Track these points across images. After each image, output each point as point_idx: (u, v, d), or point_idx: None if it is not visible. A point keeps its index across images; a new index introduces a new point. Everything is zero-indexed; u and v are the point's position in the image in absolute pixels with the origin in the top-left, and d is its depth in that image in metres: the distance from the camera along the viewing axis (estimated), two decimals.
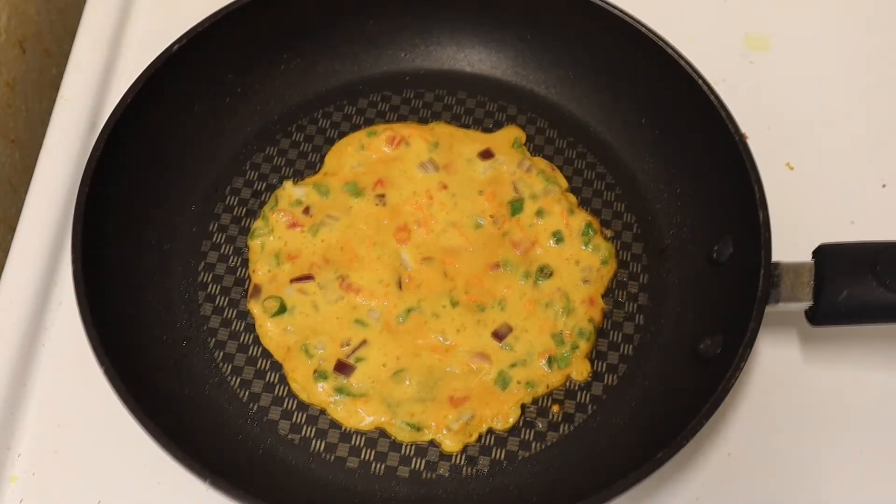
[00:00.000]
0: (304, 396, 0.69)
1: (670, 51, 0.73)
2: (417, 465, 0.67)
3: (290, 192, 0.76)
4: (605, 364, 0.71)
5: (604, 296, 0.73)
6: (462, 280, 0.72)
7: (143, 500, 0.67)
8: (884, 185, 0.81)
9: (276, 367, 0.70)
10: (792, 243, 0.70)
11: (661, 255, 0.75)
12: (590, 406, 0.69)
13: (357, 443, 0.68)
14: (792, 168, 0.82)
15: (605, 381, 0.70)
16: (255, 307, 0.72)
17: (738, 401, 0.71)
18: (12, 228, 0.77)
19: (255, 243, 0.74)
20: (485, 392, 0.69)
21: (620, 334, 0.72)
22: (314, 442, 0.68)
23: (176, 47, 0.73)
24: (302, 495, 0.66)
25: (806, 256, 0.66)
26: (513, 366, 0.69)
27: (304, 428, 0.68)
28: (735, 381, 0.61)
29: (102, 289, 0.66)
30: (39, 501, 0.67)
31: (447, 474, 0.67)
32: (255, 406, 0.69)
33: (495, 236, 0.74)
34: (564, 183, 0.78)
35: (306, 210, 0.75)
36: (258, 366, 0.70)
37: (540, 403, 0.69)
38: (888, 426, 0.71)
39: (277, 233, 0.74)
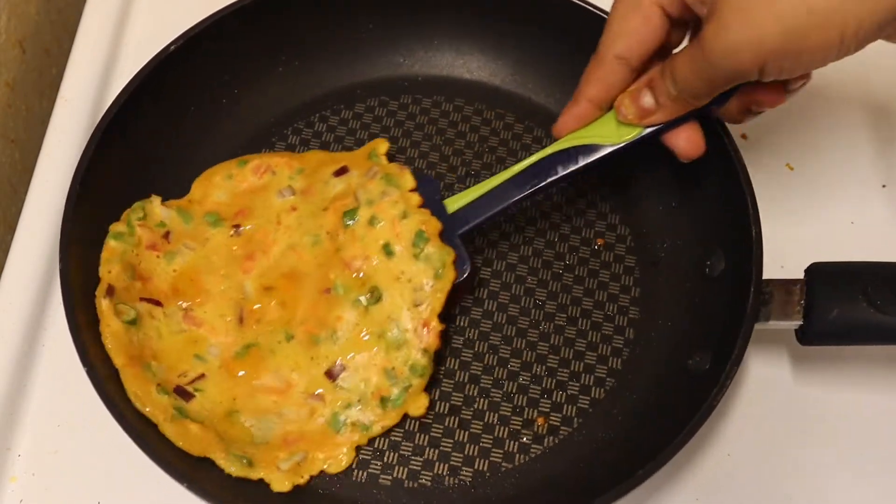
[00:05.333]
0: (139, 405, 0.64)
1: None
2: (400, 474, 0.67)
3: (156, 209, 0.71)
4: (592, 377, 0.70)
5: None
6: (300, 309, 0.68)
7: (143, 500, 0.67)
8: (884, 186, 0.80)
9: None
10: (792, 242, 0.70)
11: (654, 268, 0.74)
12: (575, 419, 0.69)
13: None
14: (792, 168, 0.81)
15: (592, 394, 0.69)
16: (105, 305, 0.66)
17: (728, 419, 0.70)
18: (12, 228, 0.77)
19: (116, 245, 0.69)
20: (318, 434, 0.66)
21: (609, 347, 0.71)
22: None
23: (172, 48, 0.73)
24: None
25: (806, 256, 0.66)
26: (347, 407, 0.66)
27: None
28: (721, 399, 0.60)
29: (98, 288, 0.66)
30: (39, 501, 0.67)
31: (429, 484, 0.66)
32: None
33: (329, 253, 0.69)
34: (411, 182, 0.70)
35: (166, 235, 0.71)
36: None
37: (526, 416, 0.69)
38: (877, 446, 0.70)
39: (137, 249, 0.70)
